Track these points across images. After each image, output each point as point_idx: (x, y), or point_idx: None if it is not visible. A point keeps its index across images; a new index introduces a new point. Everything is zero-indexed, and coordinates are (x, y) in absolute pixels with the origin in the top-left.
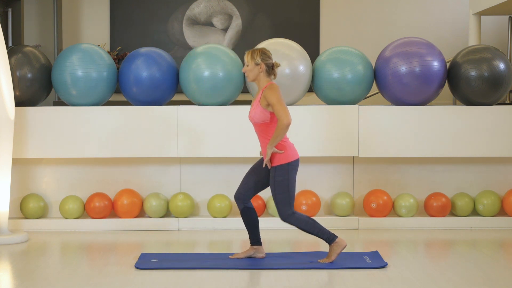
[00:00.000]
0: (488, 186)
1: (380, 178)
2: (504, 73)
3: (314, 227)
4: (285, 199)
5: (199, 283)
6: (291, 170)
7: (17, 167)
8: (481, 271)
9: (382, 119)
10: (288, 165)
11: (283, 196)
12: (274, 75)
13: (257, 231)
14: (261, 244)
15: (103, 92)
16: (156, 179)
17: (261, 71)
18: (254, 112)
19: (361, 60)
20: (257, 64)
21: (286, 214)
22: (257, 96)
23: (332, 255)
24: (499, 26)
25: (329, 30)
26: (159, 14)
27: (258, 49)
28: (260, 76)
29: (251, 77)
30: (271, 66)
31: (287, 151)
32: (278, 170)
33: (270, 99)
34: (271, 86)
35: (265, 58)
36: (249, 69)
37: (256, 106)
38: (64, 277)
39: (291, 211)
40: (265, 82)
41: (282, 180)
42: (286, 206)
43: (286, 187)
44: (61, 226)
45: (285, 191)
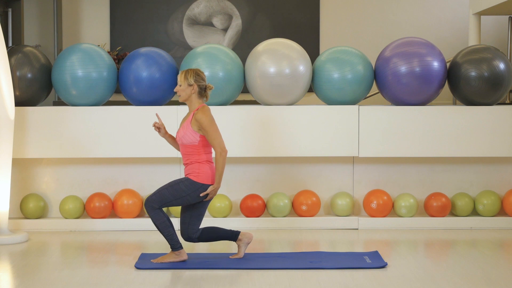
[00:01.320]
0: (488, 186)
1: (380, 178)
2: (504, 73)
3: (166, 230)
4: (166, 200)
5: (199, 283)
6: (199, 191)
7: (17, 167)
8: (481, 271)
9: (382, 119)
10: (200, 186)
11: (169, 196)
12: (206, 97)
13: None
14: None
15: (103, 92)
16: (156, 179)
17: (193, 92)
18: (183, 133)
19: (361, 60)
20: (190, 85)
21: (152, 204)
22: (188, 117)
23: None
24: (499, 26)
25: (329, 30)
26: (159, 14)
27: (192, 70)
28: (192, 97)
29: (183, 97)
30: (204, 88)
31: (207, 173)
32: (189, 183)
33: (203, 123)
34: (203, 108)
35: (198, 79)
36: (182, 89)
37: (187, 127)
38: (64, 277)
39: (157, 207)
40: (197, 104)
41: (184, 190)
42: (160, 202)
43: (180, 197)
44: (61, 226)
45: (175, 197)
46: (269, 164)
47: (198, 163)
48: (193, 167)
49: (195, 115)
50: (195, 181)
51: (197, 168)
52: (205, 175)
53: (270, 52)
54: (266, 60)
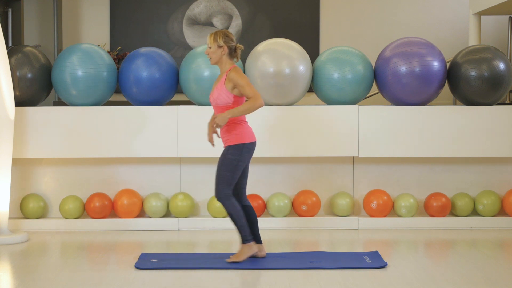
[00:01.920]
0: (488, 186)
1: (380, 178)
2: (504, 73)
3: (240, 220)
4: (228, 179)
5: (199, 283)
6: (245, 151)
7: (17, 167)
8: (481, 271)
9: (382, 119)
10: (243, 146)
11: (227, 174)
12: (236, 57)
13: (256, 229)
14: (261, 243)
15: (103, 92)
16: (156, 179)
17: (224, 54)
18: (218, 94)
19: (361, 60)
20: (220, 47)
21: (223, 193)
22: (220, 78)
23: (242, 256)
24: (499, 26)
25: (329, 30)
26: (159, 14)
27: (221, 31)
28: (223, 59)
29: (214, 60)
30: (234, 48)
31: (245, 132)
32: (232, 149)
33: (238, 82)
34: (235, 68)
35: (227, 40)
36: (212, 51)
37: (220, 88)
38: (64, 277)
39: (230, 193)
40: (229, 64)
41: (233, 159)
42: (226, 186)
43: (234, 166)
44: (61, 226)
45: (231, 170)
46: (269, 164)
47: (234, 124)
48: (229, 129)
49: (228, 74)
50: (237, 144)
51: (234, 130)
52: (242, 134)
53: (270, 52)
54: (266, 60)
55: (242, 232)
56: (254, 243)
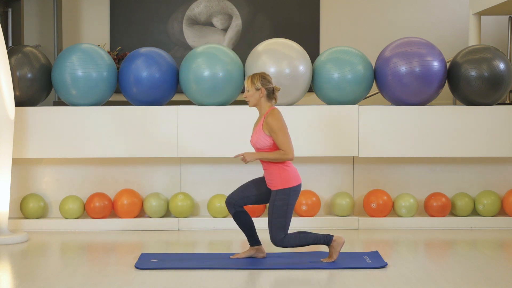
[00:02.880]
0: (488, 186)
1: (380, 178)
2: (504, 73)
3: (307, 239)
4: (281, 224)
5: (199, 283)
6: (292, 195)
7: (17, 167)
8: (481, 271)
9: (382, 119)
10: (290, 190)
11: (279, 221)
12: (275, 99)
13: (253, 231)
14: (261, 244)
15: (103, 92)
16: (156, 179)
17: (262, 96)
18: (257, 137)
19: (361, 60)
20: (258, 89)
21: (278, 238)
22: (259, 121)
23: (334, 254)
24: (499, 26)
25: (329, 30)
26: (159, 14)
27: (258, 74)
28: (261, 101)
29: (252, 103)
30: (272, 90)
31: (290, 176)
32: (279, 194)
33: (273, 128)
34: (272, 112)
35: (265, 82)
36: (250, 95)
37: (259, 132)
38: (64, 277)
39: (284, 236)
40: (267, 107)
41: (282, 204)
42: (280, 231)
43: (284, 212)
44: (61, 226)
45: (283, 216)
46: None
47: (279, 167)
48: (273, 173)
49: (266, 118)
50: (284, 189)
51: (278, 174)
52: (288, 177)
53: (270, 52)
54: (266, 60)
55: (320, 241)
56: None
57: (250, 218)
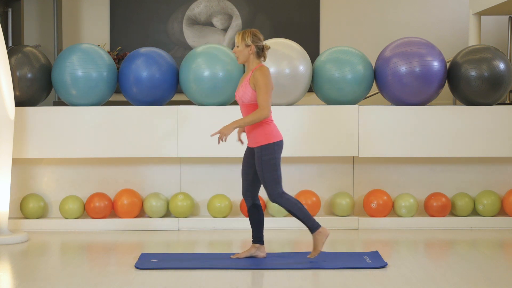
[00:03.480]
0: (488, 186)
1: (380, 178)
2: (504, 73)
3: (301, 211)
4: (274, 178)
5: (199, 283)
6: (277, 149)
7: (17, 167)
8: (481, 271)
9: (382, 119)
10: (274, 145)
11: (271, 175)
12: (264, 57)
13: (261, 229)
14: (263, 243)
15: (103, 92)
16: (156, 179)
17: (251, 53)
18: (243, 91)
19: (361, 60)
20: (248, 46)
21: (275, 193)
22: (246, 76)
23: (318, 246)
24: (499, 26)
25: (329, 30)
26: (159, 14)
27: (249, 31)
28: (250, 58)
29: (242, 59)
30: (262, 48)
31: (272, 131)
32: (264, 149)
33: (258, 82)
34: (261, 67)
35: (255, 40)
36: (239, 50)
37: (245, 86)
38: (64, 277)
39: (281, 191)
40: (255, 63)
41: (270, 159)
42: (276, 185)
43: (274, 165)
44: (61, 226)
45: (273, 169)
46: None
47: (261, 126)
48: (257, 132)
49: (253, 73)
50: (268, 144)
51: (262, 131)
52: (271, 132)
53: (270, 52)
54: (266, 60)
55: (308, 222)
56: (323, 228)
57: (263, 215)
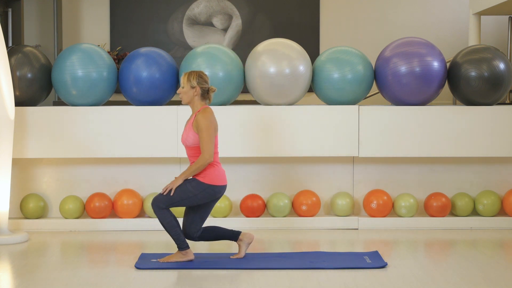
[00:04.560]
0: (488, 186)
1: (380, 178)
2: (504, 73)
3: (173, 230)
4: (173, 200)
5: (199, 283)
6: (207, 192)
7: (17, 167)
8: (481, 271)
9: (382, 119)
10: (207, 187)
11: (175, 197)
12: (209, 99)
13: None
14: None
15: (103, 92)
16: (156, 179)
17: (196, 95)
18: (186, 135)
19: (361, 60)
20: (193, 87)
21: (159, 203)
22: (190, 118)
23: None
24: (499, 26)
25: (329, 30)
26: (159, 14)
27: (195, 72)
28: (195, 100)
29: (186, 100)
30: (207, 90)
31: (215, 174)
32: (195, 183)
33: (200, 126)
34: (204, 110)
35: (201, 81)
36: (184, 91)
37: (189, 129)
38: (64, 277)
39: (164, 207)
40: (199, 105)
41: (190, 191)
42: (166, 203)
43: (186, 198)
44: (61, 226)
45: (181, 198)
46: (269, 164)
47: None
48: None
49: (196, 116)
50: (203, 183)
51: (203, 170)
52: (211, 176)
53: (270, 52)
54: (266, 60)
55: (177, 241)
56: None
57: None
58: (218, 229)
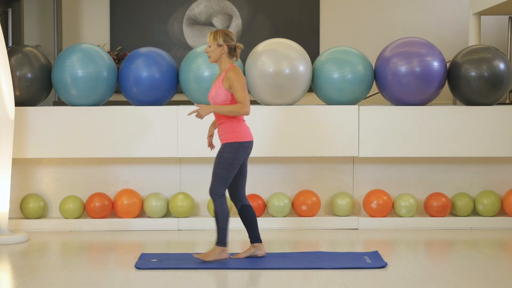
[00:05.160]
0: (488, 186)
1: (380, 178)
2: (504, 73)
3: (223, 222)
4: (223, 177)
5: (199, 283)
6: (241, 150)
7: (17, 167)
8: (481, 271)
9: (382, 119)
10: (239, 144)
11: (222, 172)
12: (236, 56)
13: (256, 228)
14: (261, 242)
15: (103, 92)
16: (156, 179)
17: (223, 53)
18: (215, 92)
19: (361, 60)
20: (219, 45)
21: (216, 190)
22: (219, 76)
23: (210, 256)
24: (499, 26)
25: (329, 30)
26: (159, 14)
27: (221, 30)
28: (222, 58)
29: (213, 58)
30: (234, 47)
31: (242, 131)
32: (228, 147)
33: (233, 83)
34: (233, 68)
35: (227, 39)
36: (211, 50)
37: (218, 86)
38: (64, 277)
39: (222, 191)
40: (228, 63)
41: (229, 157)
42: (220, 183)
43: (229, 165)
44: (61, 226)
45: (226, 168)
46: (269, 164)
47: (231, 122)
48: (226, 127)
49: (226, 73)
50: (233, 142)
51: (230, 128)
52: (239, 132)
53: (270, 52)
54: (266, 60)
55: (220, 234)
56: (224, 249)
57: (254, 214)
58: (254, 220)
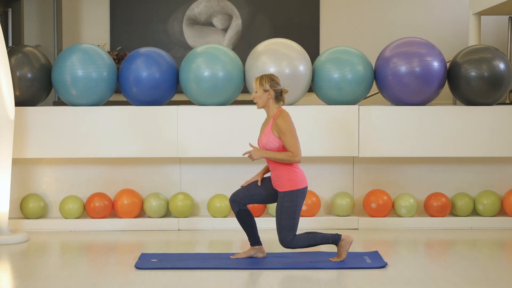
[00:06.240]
0: (488, 186)
1: (380, 178)
2: (504, 73)
3: (316, 239)
4: (290, 225)
5: (199, 283)
6: (299, 197)
7: (17, 167)
8: (481, 271)
9: (382, 119)
10: (297, 192)
11: (288, 222)
12: (283, 101)
13: (255, 231)
14: (261, 244)
15: (103, 92)
16: (156, 179)
17: (270, 98)
18: (266, 140)
19: (361, 60)
20: (266, 91)
21: (287, 240)
22: (268, 123)
23: (343, 254)
24: (499, 26)
25: (329, 30)
26: (159, 14)
27: (267, 75)
28: (269, 103)
29: (260, 104)
30: (280, 92)
31: (298, 179)
32: (287, 196)
33: (282, 130)
34: (281, 113)
35: (273, 84)
36: (258, 96)
37: (268, 134)
38: (64, 277)
39: (292, 236)
40: (275, 108)
41: (290, 206)
42: (289, 232)
43: (292, 213)
44: (61, 226)
45: (292, 217)
46: None
47: (287, 170)
48: (281, 174)
49: (274, 120)
50: (291, 190)
51: (287, 175)
52: (296, 180)
53: (270, 52)
54: (266, 60)
55: (328, 241)
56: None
57: (253, 217)
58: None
